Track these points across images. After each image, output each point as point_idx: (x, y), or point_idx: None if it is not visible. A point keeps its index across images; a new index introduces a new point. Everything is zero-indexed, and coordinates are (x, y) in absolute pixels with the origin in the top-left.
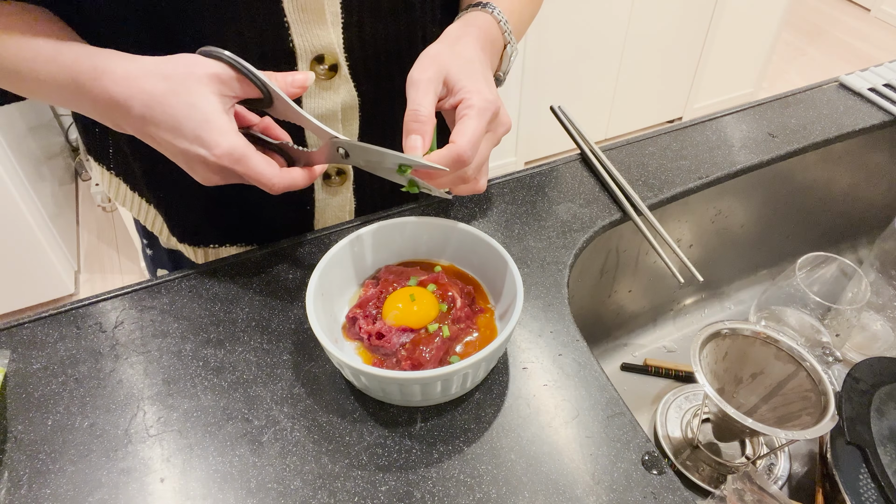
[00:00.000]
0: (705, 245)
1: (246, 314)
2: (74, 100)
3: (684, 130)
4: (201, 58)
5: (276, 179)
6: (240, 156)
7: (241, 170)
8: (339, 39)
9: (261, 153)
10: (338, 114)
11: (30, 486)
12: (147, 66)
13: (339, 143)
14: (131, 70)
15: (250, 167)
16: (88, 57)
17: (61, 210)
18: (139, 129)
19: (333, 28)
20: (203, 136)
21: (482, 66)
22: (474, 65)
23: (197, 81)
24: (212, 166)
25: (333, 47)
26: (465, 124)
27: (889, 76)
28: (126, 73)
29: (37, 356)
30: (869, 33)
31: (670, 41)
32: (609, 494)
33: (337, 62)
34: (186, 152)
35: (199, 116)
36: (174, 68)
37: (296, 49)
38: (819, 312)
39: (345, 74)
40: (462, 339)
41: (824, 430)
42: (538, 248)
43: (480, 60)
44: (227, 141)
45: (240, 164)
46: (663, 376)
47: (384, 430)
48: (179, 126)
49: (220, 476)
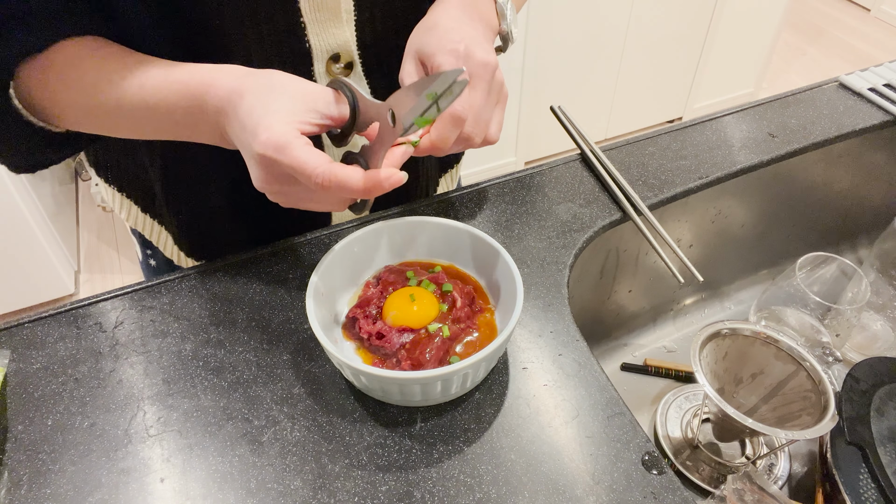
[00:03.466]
0: (705, 245)
1: (246, 314)
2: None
3: (684, 130)
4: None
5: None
6: (283, 143)
7: (283, 159)
8: (353, 37)
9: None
10: None
11: (30, 486)
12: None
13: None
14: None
15: (292, 154)
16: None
17: (61, 210)
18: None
19: (348, 26)
20: (257, 128)
21: (449, 21)
22: (436, 27)
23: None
24: (262, 162)
25: (349, 45)
26: None
27: (889, 76)
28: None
29: (37, 356)
30: (869, 33)
31: (670, 41)
32: (609, 494)
33: (352, 60)
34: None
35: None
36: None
37: (312, 49)
38: (819, 312)
39: (359, 71)
40: (462, 339)
41: (824, 430)
42: (538, 248)
43: (448, 17)
44: (273, 129)
45: (281, 151)
46: (663, 376)
47: (384, 430)
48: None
49: (220, 476)
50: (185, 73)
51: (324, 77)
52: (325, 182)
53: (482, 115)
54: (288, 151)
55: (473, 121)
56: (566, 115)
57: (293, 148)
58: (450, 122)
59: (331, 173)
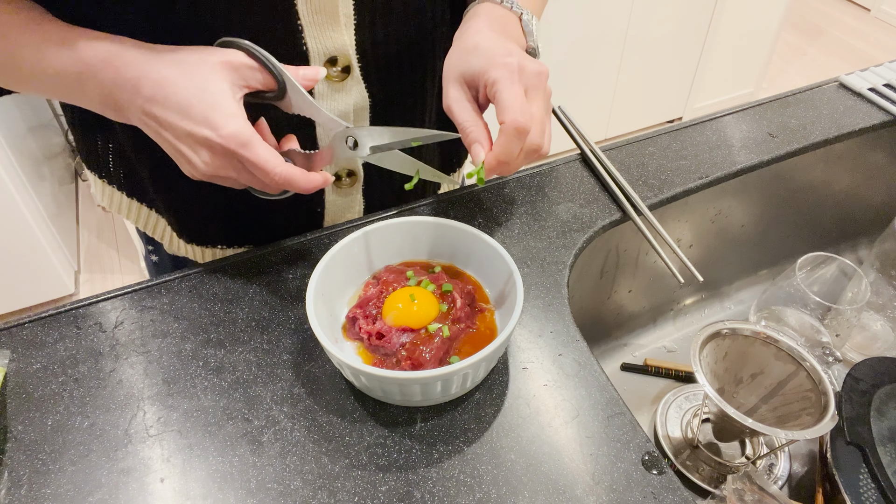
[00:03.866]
0: (705, 245)
1: (246, 314)
2: (78, 87)
3: (684, 130)
4: (216, 48)
5: (280, 169)
6: (246, 139)
7: (245, 154)
8: (351, 41)
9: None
10: (350, 115)
11: (30, 486)
12: (160, 51)
13: (349, 133)
14: (144, 54)
15: (254, 152)
16: (101, 41)
17: (61, 210)
18: (145, 110)
19: (346, 30)
20: (211, 117)
21: (489, 41)
22: (478, 48)
23: (210, 67)
24: (216, 149)
25: (346, 49)
26: (501, 99)
27: (889, 76)
28: (139, 56)
29: (37, 356)
30: (869, 33)
31: (670, 41)
32: (609, 494)
33: (349, 64)
34: (192, 134)
35: (209, 99)
36: (187, 55)
37: (309, 51)
38: (819, 312)
39: (357, 76)
40: (462, 339)
41: (824, 430)
42: (538, 248)
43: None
44: (236, 124)
45: (244, 148)
46: (663, 376)
47: (384, 430)
48: (188, 107)
49: (220, 476)
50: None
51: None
52: (280, 181)
53: (545, 124)
54: (251, 148)
55: (539, 130)
56: (566, 115)
57: (255, 146)
58: (514, 135)
59: (287, 174)
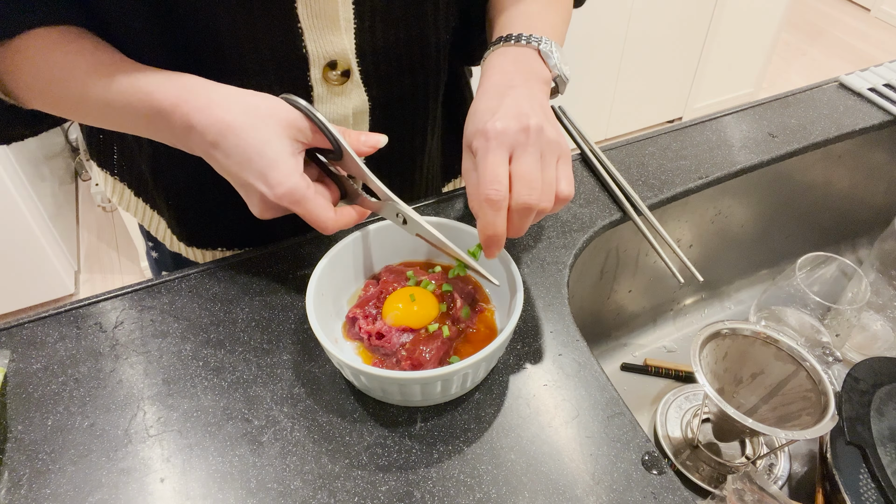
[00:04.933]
0: (705, 245)
1: (246, 314)
2: (149, 128)
3: (684, 130)
4: (283, 102)
5: (331, 223)
6: (299, 198)
7: (299, 210)
8: (351, 45)
9: (319, 195)
10: (349, 119)
11: (30, 486)
12: (231, 97)
13: (397, 209)
14: (213, 98)
15: (308, 209)
16: (170, 85)
17: (61, 210)
18: (208, 153)
19: (346, 34)
20: (268, 174)
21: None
22: (475, 114)
23: (275, 122)
24: (269, 203)
25: (346, 53)
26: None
27: (889, 76)
28: (208, 101)
29: (37, 356)
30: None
31: (670, 41)
32: (609, 494)
33: (349, 68)
34: (249, 186)
35: (269, 154)
36: (256, 105)
37: (309, 55)
38: (819, 312)
39: (357, 80)
40: (462, 339)
41: (824, 430)
42: (538, 248)
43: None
44: (290, 182)
45: (298, 205)
46: (663, 376)
47: (384, 430)
48: (249, 160)
49: (220, 476)
50: (152, 84)
51: (320, 83)
52: (332, 231)
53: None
54: (304, 204)
55: (527, 188)
56: (566, 115)
57: (308, 201)
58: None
59: (338, 226)
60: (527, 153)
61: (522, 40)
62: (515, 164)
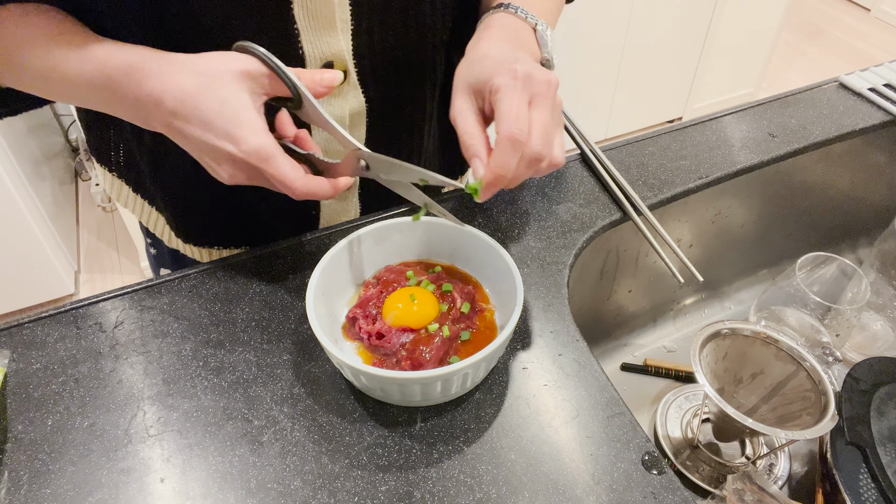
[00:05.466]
0: (705, 245)
1: (246, 314)
2: (105, 99)
3: (684, 130)
4: (234, 54)
5: (300, 183)
6: (267, 155)
7: (267, 169)
8: (348, 46)
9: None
10: (346, 119)
11: (30, 486)
12: (180, 62)
13: (361, 155)
14: (164, 66)
15: (276, 167)
16: (121, 54)
17: (61, 210)
18: (168, 124)
19: (343, 35)
20: (233, 132)
21: (499, 51)
22: (487, 57)
23: (230, 78)
24: (238, 163)
25: (343, 54)
26: (500, 109)
27: (889, 76)
28: (159, 69)
29: (37, 356)
30: (869, 33)
31: (670, 41)
32: (609, 494)
33: (346, 69)
34: (215, 148)
35: (229, 113)
36: (207, 64)
37: (305, 56)
38: (819, 312)
39: (353, 81)
40: (462, 338)
41: (824, 430)
42: (538, 248)
43: (496, 48)
44: (257, 139)
45: (266, 163)
46: (663, 376)
47: (384, 430)
48: (210, 122)
49: (220, 476)
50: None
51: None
52: (301, 195)
53: (550, 133)
54: (272, 163)
55: (541, 138)
56: (566, 115)
57: (276, 161)
58: (508, 145)
59: (307, 188)
60: (545, 105)
61: (521, 13)
62: (535, 113)
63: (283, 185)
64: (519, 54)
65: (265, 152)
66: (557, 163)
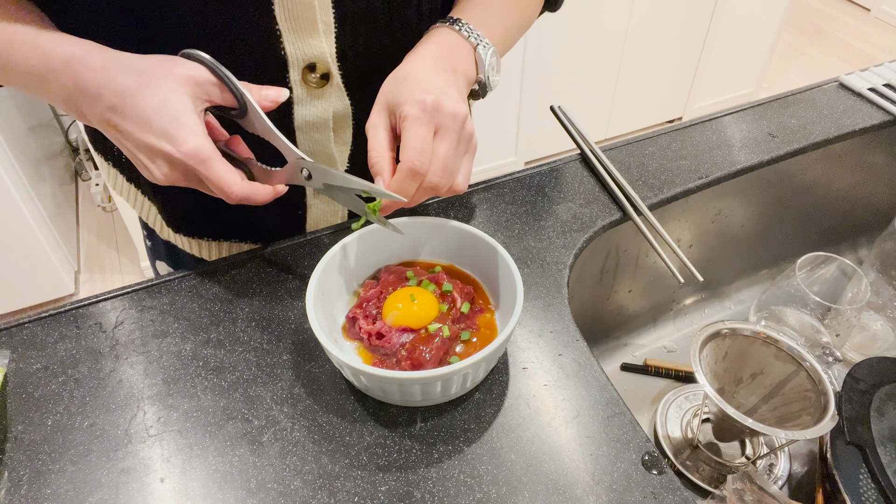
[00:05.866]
0: (705, 245)
1: (246, 314)
2: (42, 85)
3: (684, 130)
4: (180, 59)
5: (236, 188)
6: (205, 157)
7: (204, 172)
8: (331, 49)
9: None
10: (329, 122)
11: (30, 486)
12: (123, 60)
13: (303, 164)
14: (107, 61)
15: (213, 171)
16: (66, 45)
17: (61, 210)
18: (106, 119)
19: (326, 37)
20: (172, 132)
21: (421, 72)
22: (407, 78)
23: (172, 80)
24: (175, 164)
25: (325, 56)
26: (405, 137)
27: (889, 76)
28: (102, 63)
29: (37, 356)
30: (869, 33)
31: (670, 41)
32: (609, 494)
33: (329, 71)
34: (151, 147)
35: (169, 113)
36: (150, 65)
37: (287, 57)
38: (819, 312)
39: (337, 83)
40: (462, 339)
41: (824, 430)
42: (538, 248)
43: (421, 68)
44: (196, 140)
45: (204, 165)
46: (663, 376)
47: (384, 430)
48: (148, 120)
49: (220, 476)
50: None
51: (299, 85)
52: (237, 199)
53: (449, 165)
54: (209, 166)
55: (441, 170)
56: (566, 115)
57: (213, 163)
58: (407, 175)
59: (243, 192)
60: (449, 138)
61: (465, 31)
62: (438, 145)
63: (219, 188)
64: (438, 79)
65: (204, 154)
66: (458, 190)
